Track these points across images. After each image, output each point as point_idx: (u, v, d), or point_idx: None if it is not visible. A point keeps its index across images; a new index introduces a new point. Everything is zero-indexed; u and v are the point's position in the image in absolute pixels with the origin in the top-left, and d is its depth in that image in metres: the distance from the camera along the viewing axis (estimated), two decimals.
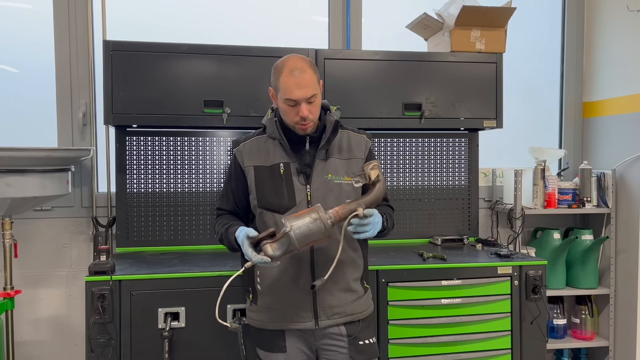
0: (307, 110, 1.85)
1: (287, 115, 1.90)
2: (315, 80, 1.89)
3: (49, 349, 2.95)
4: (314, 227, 1.72)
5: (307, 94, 1.84)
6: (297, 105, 1.85)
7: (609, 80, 3.40)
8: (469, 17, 2.86)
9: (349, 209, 1.79)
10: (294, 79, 1.83)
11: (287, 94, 1.85)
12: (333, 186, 1.94)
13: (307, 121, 1.87)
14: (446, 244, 3.04)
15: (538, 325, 2.57)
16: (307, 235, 1.72)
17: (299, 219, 1.73)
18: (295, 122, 1.89)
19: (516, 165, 3.32)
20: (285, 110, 1.89)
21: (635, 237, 3.14)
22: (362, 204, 1.80)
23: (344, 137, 2.03)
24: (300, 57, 1.92)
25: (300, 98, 1.84)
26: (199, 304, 2.27)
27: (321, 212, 1.73)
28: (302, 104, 1.85)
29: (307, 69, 1.86)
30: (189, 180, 2.95)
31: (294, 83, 1.83)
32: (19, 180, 2.38)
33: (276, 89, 1.90)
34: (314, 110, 1.89)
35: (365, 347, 1.99)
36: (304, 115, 1.85)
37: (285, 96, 1.85)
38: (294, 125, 1.91)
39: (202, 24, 3.17)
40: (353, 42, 3.25)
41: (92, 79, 2.96)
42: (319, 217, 1.72)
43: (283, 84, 1.85)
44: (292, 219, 1.73)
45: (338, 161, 1.98)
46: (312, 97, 1.86)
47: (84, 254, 2.96)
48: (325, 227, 1.73)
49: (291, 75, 1.84)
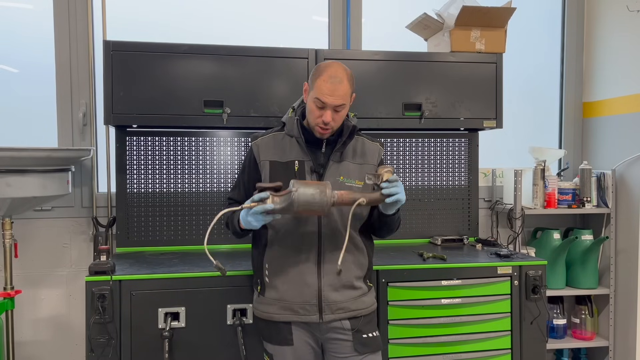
0: (331, 117, 1.94)
1: (312, 114, 1.98)
2: (349, 93, 1.99)
3: (49, 349, 2.95)
4: (317, 198, 1.81)
5: (337, 102, 1.94)
6: (324, 109, 1.94)
7: (609, 80, 3.40)
8: (469, 17, 2.86)
9: (353, 197, 1.88)
10: (330, 85, 1.93)
11: (319, 95, 1.94)
12: (344, 188, 2.00)
13: (327, 126, 1.96)
14: (446, 244, 3.04)
15: (538, 325, 2.57)
16: (308, 202, 1.81)
17: (307, 187, 1.82)
18: (316, 123, 1.98)
19: (516, 165, 3.32)
20: (312, 109, 1.97)
21: (635, 237, 3.14)
22: (366, 196, 1.89)
23: (359, 143, 2.12)
24: (344, 68, 2.01)
25: (329, 104, 1.93)
26: (199, 304, 2.27)
27: (328, 189, 1.83)
28: (328, 110, 1.94)
29: (344, 81, 1.96)
30: (189, 180, 2.95)
31: (328, 89, 1.93)
32: (19, 180, 2.38)
33: (311, 87, 2.00)
34: (337, 119, 1.98)
35: (369, 340, 2.04)
36: (326, 120, 1.94)
37: (316, 96, 1.95)
38: (314, 125, 1.99)
39: (202, 24, 3.17)
40: (353, 42, 3.25)
41: (92, 79, 2.96)
42: (325, 192, 1.81)
43: (318, 86, 1.95)
44: (300, 183, 1.83)
45: (351, 165, 2.06)
46: (340, 106, 1.95)
47: (84, 254, 2.96)
48: (327, 203, 1.82)
49: (329, 81, 1.94)
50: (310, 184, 1.84)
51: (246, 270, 2.31)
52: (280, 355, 2.04)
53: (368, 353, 2.03)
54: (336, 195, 1.85)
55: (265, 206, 1.81)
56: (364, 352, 2.02)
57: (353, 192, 1.90)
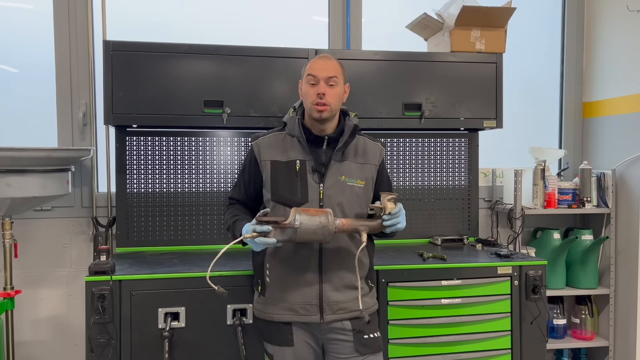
0: (324, 89, 1.96)
1: (307, 96, 2.01)
2: (340, 71, 2.04)
3: (49, 349, 2.95)
4: (319, 231, 1.85)
5: (328, 74, 1.98)
6: (317, 85, 1.97)
7: (609, 80, 3.40)
8: (469, 17, 2.86)
9: (354, 227, 1.93)
10: (320, 61, 2.03)
11: (310, 71, 2.00)
12: (345, 187, 2.02)
13: (323, 101, 1.97)
14: (446, 244, 3.04)
15: (538, 325, 2.57)
16: (310, 234, 1.85)
17: (309, 219, 1.84)
18: (312, 101, 1.98)
19: (516, 165, 3.32)
20: (307, 91, 2.01)
21: (635, 237, 3.14)
22: (367, 227, 1.93)
23: (360, 143, 2.13)
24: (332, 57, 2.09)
25: (320, 76, 1.98)
26: (199, 304, 2.27)
27: (330, 220, 1.85)
28: (321, 83, 1.97)
29: (333, 60, 2.05)
30: (189, 180, 2.95)
31: (318, 64, 2.01)
32: (19, 180, 2.38)
33: (302, 74, 2.04)
34: (332, 94, 1.99)
35: (370, 341, 2.04)
36: (321, 91, 1.96)
37: (308, 72, 2.00)
38: (311, 106, 1.99)
39: (202, 24, 3.17)
40: (353, 42, 3.25)
41: (92, 79, 2.96)
42: (327, 224, 1.85)
43: (309, 65, 2.03)
44: (303, 215, 1.84)
45: (353, 164, 2.07)
46: (332, 79, 1.98)
47: (84, 254, 2.96)
48: (328, 234, 1.86)
49: (319, 59, 2.05)
50: (313, 215, 1.85)
51: (246, 270, 2.31)
52: (280, 355, 2.04)
53: (369, 354, 2.03)
54: (338, 226, 1.89)
55: (267, 240, 1.84)
56: (365, 353, 2.02)
57: (355, 221, 1.94)
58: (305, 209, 1.88)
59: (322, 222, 1.84)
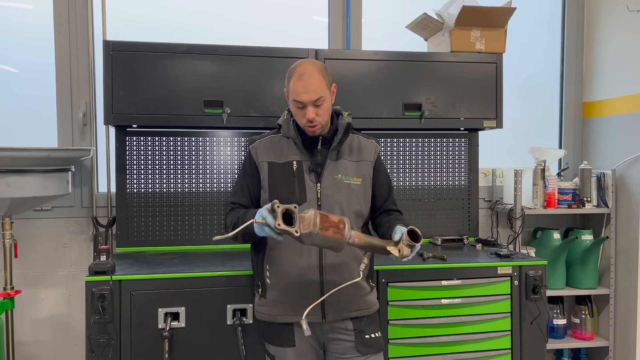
0: (314, 113, 1.96)
1: (297, 116, 2.02)
2: (324, 85, 1.97)
3: (49, 349, 2.95)
4: (333, 241, 1.76)
5: (313, 98, 1.94)
6: (305, 108, 1.96)
7: (609, 80, 3.40)
8: (469, 17, 2.86)
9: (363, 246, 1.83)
10: (302, 83, 1.94)
11: (295, 96, 1.96)
12: (342, 186, 2.04)
13: (313, 123, 1.97)
14: (446, 244, 3.04)
15: (538, 325, 2.57)
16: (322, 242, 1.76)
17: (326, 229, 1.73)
18: (303, 124, 2.00)
19: (516, 165, 3.32)
20: (295, 111, 2.02)
21: (635, 237, 3.14)
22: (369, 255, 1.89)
23: (355, 141, 2.13)
24: (312, 62, 2.04)
25: (306, 101, 1.95)
26: (199, 304, 2.27)
27: (346, 231, 1.75)
28: (308, 107, 1.95)
29: (315, 75, 1.95)
30: (189, 180, 2.95)
31: (301, 87, 1.94)
32: (19, 180, 2.38)
33: (288, 91, 2.02)
34: (321, 113, 1.97)
35: (371, 341, 2.05)
36: (309, 117, 1.96)
37: (293, 98, 1.98)
38: (303, 126, 2.01)
39: (202, 24, 3.17)
40: (353, 42, 3.25)
41: (92, 79, 2.96)
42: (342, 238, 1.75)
43: (292, 88, 1.98)
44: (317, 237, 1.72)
45: (348, 162, 2.08)
46: (319, 100, 1.95)
47: (84, 254, 2.96)
48: (339, 247, 1.78)
49: (300, 80, 1.95)
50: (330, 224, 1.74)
51: (246, 270, 2.31)
52: (282, 356, 2.03)
53: (370, 354, 2.03)
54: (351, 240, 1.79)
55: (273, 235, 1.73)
56: (366, 353, 2.02)
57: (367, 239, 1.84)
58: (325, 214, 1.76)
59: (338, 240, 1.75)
